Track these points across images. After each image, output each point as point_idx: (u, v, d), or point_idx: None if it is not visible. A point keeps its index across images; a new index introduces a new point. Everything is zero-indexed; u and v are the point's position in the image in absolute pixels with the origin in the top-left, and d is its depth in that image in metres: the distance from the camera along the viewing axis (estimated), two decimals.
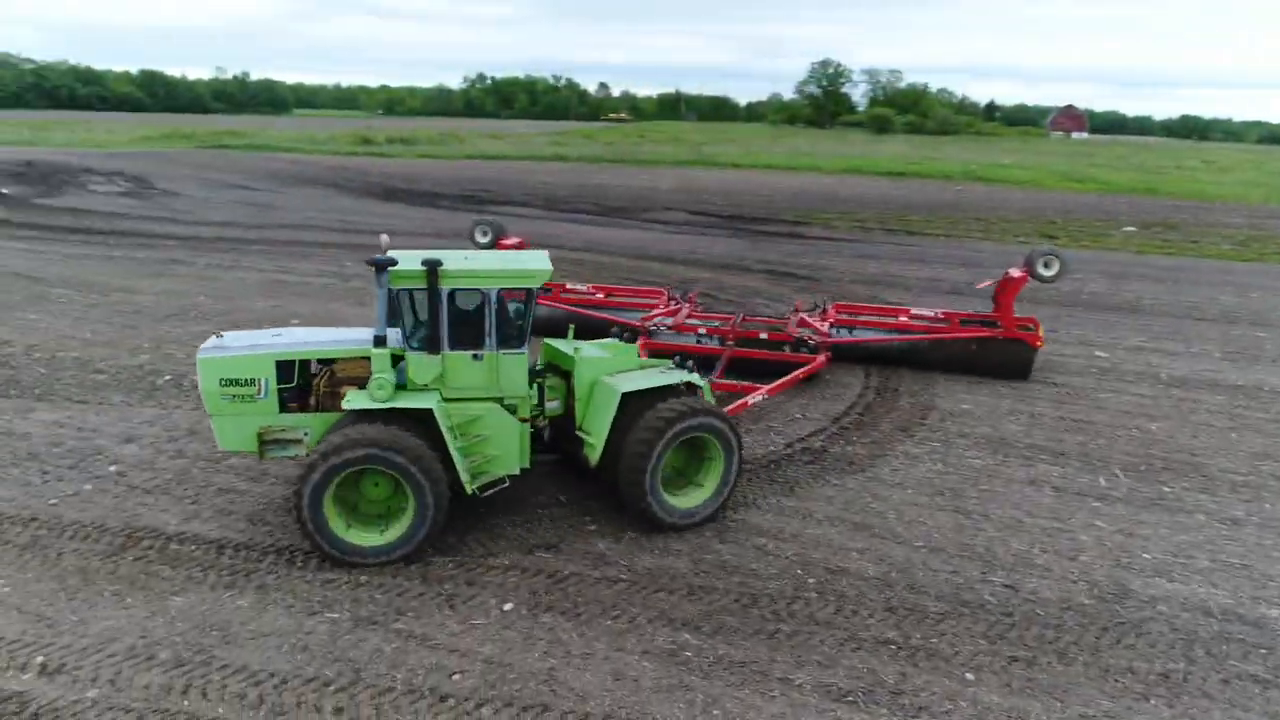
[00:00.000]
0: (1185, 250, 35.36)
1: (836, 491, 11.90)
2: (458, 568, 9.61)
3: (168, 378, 15.83)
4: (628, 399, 10.13)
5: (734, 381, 14.88)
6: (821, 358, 16.01)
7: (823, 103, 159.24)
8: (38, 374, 15.87)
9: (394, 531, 9.52)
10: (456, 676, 7.81)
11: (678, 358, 11.24)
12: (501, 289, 9.62)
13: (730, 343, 16.48)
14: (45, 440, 12.78)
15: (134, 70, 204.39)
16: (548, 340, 11.33)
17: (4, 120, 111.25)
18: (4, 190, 45.10)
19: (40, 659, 7.86)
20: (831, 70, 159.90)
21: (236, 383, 9.85)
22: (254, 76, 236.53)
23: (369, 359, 9.65)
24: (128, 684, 7.58)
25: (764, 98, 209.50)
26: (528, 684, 7.73)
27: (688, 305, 18.42)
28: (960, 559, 10.18)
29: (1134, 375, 17.86)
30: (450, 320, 9.60)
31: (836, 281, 27.06)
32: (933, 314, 17.71)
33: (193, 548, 9.87)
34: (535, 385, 10.59)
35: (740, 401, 13.67)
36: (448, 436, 9.51)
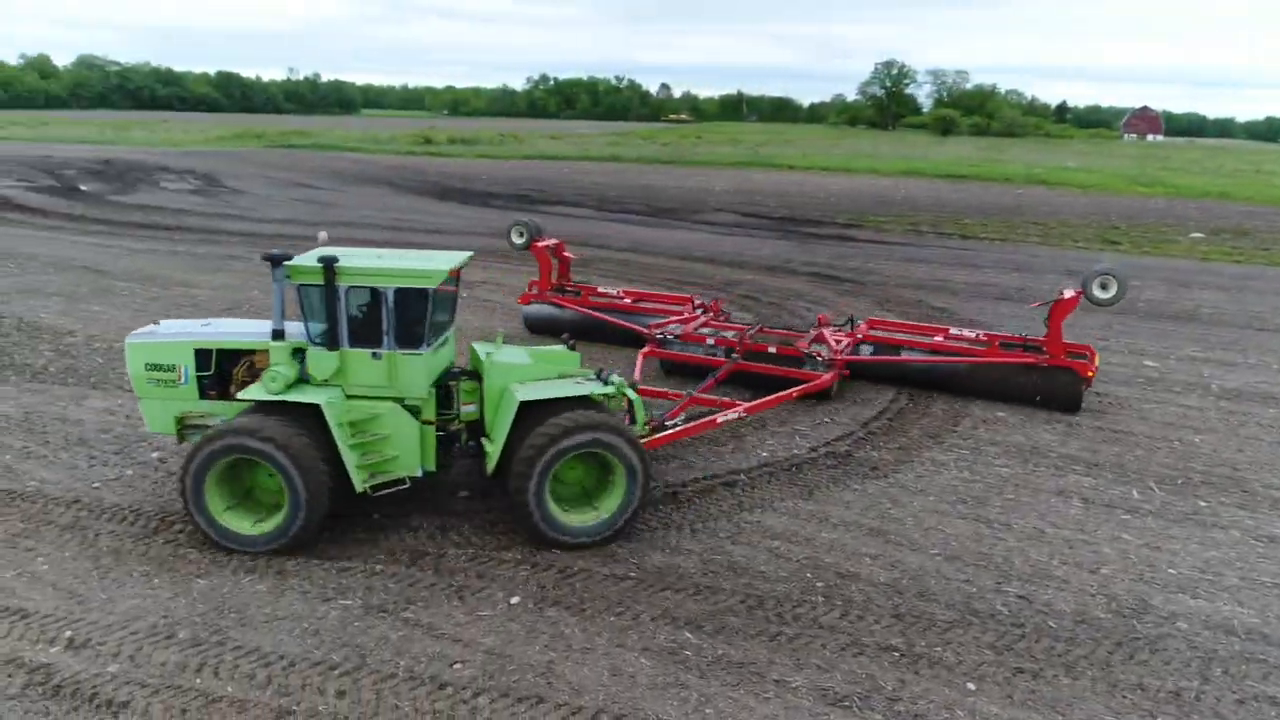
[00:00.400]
0: (1255, 258, 33.98)
1: (856, 496, 11.81)
2: (470, 560, 9.83)
3: None
4: (531, 409, 9.88)
5: (713, 397, 14.07)
6: (827, 376, 15.03)
7: (885, 104, 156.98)
8: (95, 363, 16.62)
9: (272, 522, 9.68)
10: (457, 666, 8.00)
11: (600, 369, 10.68)
12: (397, 288, 9.64)
13: (736, 355, 15.64)
14: (96, 426, 13.41)
15: (212, 72, 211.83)
16: (474, 343, 11.21)
17: (89, 120, 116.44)
18: (82, 187, 47.23)
19: (69, 633, 8.29)
20: (895, 71, 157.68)
21: (159, 368, 10.24)
22: (325, 78, 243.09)
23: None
24: (146, 660, 7.95)
25: (828, 99, 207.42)
26: (525, 676, 7.88)
27: (709, 313, 17.84)
28: (975, 568, 10.02)
29: (1183, 386, 17.28)
30: (349, 317, 9.76)
31: (882, 285, 26.73)
32: (973, 335, 16.27)
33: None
34: (448, 387, 10.51)
35: (709, 419, 12.83)
36: (337, 433, 9.59)
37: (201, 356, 10.29)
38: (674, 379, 16.15)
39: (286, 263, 9.67)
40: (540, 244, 17.75)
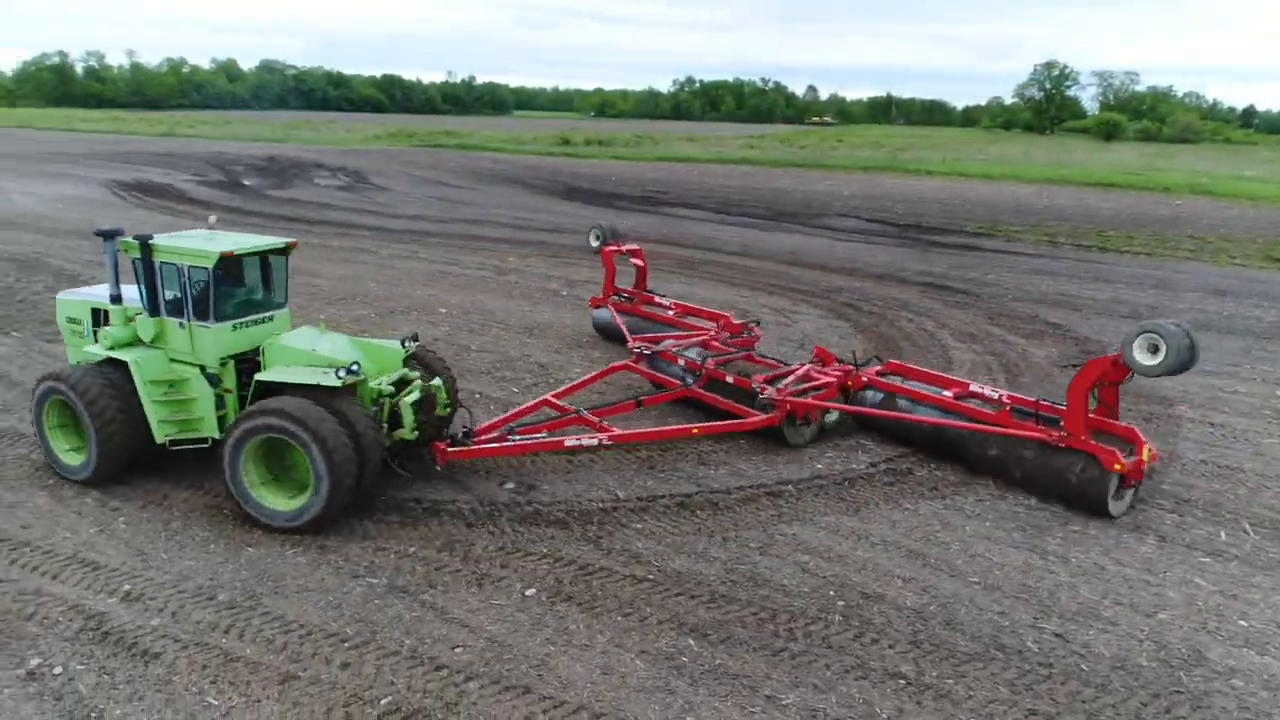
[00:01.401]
0: None
1: (905, 516, 11.37)
2: (499, 551, 10.13)
3: None
4: (270, 389, 10.57)
5: (595, 419, 12.57)
6: (756, 418, 12.96)
7: (1044, 107, 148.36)
8: None
9: (82, 456, 11.29)
10: (458, 650, 8.30)
11: (354, 364, 10.53)
12: (190, 265, 10.69)
13: (691, 381, 14.28)
14: None
15: (377, 74, 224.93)
16: (304, 327, 11.83)
17: (266, 120, 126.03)
18: (246, 182, 51.30)
19: (127, 587, 9.14)
20: (1056, 72, 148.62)
21: (73, 320, 12.23)
22: (480, 80, 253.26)
23: None
24: (186, 617, 8.67)
25: (983, 102, 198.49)
26: (519, 666, 8.09)
27: (729, 334, 16.23)
28: (1014, 600, 9.47)
29: None
30: (164, 289, 11.04)
31: (998, 298, 25.44)
32: (995, 395, 12.98)
33: None
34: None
35: (555, 439, 11.97)
36: (141, 389, 10.94)
37: (95, 314, 11.96)
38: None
39: (118, 238, 11.30)
40: (610, 249, 17.88)
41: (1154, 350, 10.78)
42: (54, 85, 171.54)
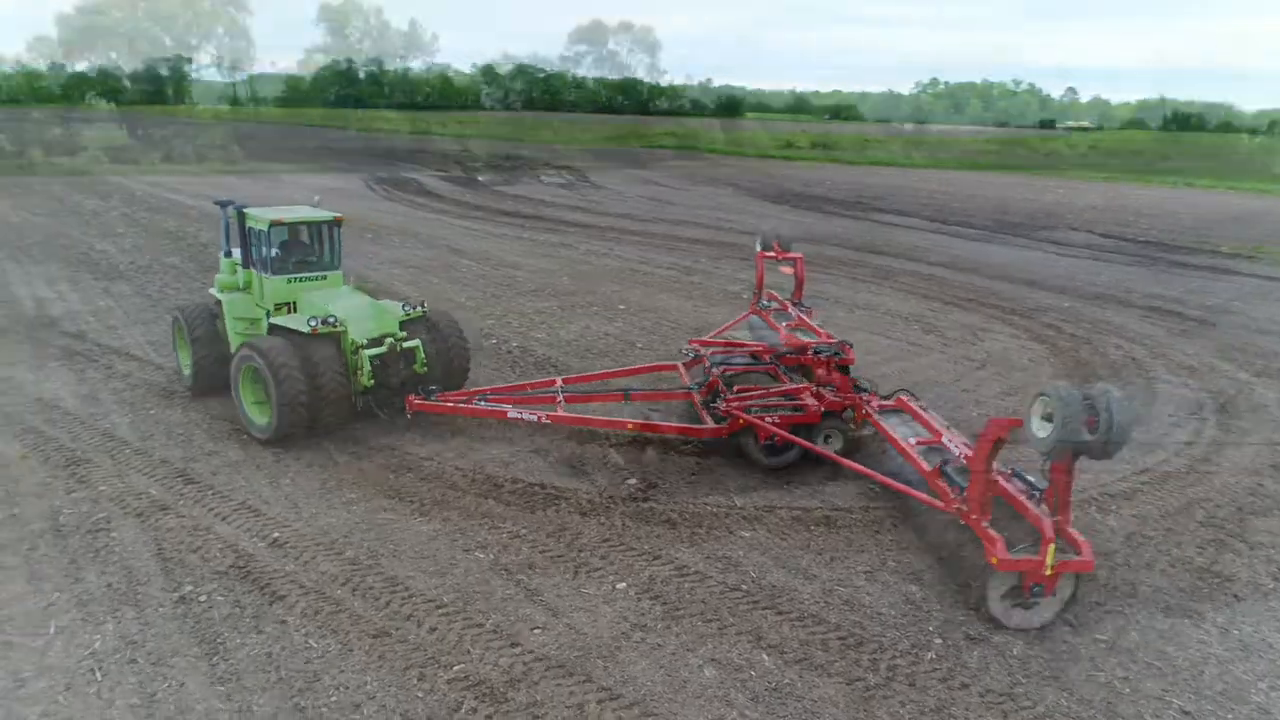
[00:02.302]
0: None
1: None
2: (603, 542, 10.42)
3: (492, 340, 18.79)
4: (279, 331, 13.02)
5: (560, 401, 13.61)
6: (701, 427, 12.62)
7: None
8: None
9: (190, 370, 14.61)
10: (536, 631, 8.66)
11: (329, 317, 12.69)
12: (256, 228, 13.49)
13: (694, 386, 14.05)
14: None
15: (614, 77, 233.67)
16: (343, 286, 14.25)
17: (512, 120, 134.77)
18: (480, 178, 55.31)
19: (275, 534, 10.34)
20: None
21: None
22: (716, 83, 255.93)
23: None
24: (315, 568, 9.67)
25: None
26: (588, 655, 8.31)
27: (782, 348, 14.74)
28: (1144, 667, 8.42)
29: None
30: (252, 247, 13.76)
31: (1238, 330, 22.42)
32: (956, 452, 10.70)
33: (418, 478, 11.96)
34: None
35: (500, 410, 13.18)
36: (228, 322, 14.14)
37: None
38: None
39: (229, 207, 14.47)
40: (773, 253, 17.58)
41: (1047, 418, 8.30)
42: (340, 87, 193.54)
